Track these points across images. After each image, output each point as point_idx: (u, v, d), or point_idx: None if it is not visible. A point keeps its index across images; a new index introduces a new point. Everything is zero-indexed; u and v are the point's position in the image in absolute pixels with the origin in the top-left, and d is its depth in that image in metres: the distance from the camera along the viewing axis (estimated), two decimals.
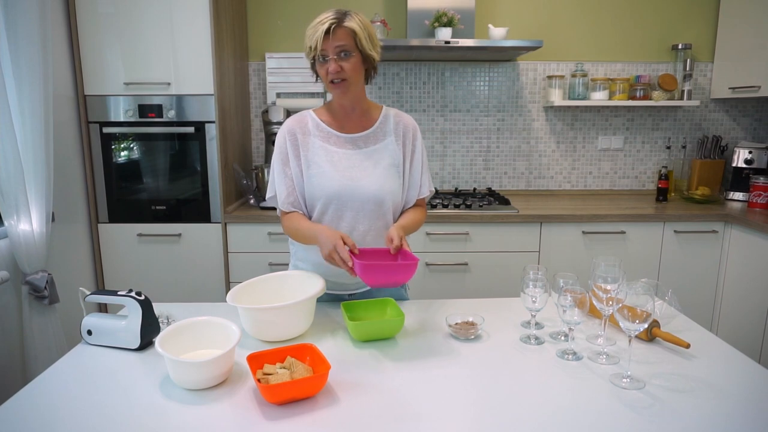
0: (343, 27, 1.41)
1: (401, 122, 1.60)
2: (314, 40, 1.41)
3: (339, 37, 1.41)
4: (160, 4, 2.46)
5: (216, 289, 2.69)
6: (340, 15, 1.42)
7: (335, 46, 1.41)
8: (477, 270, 2.68)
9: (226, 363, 1.14)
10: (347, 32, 1.41)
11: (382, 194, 1.52)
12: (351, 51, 1.43)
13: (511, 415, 1.03)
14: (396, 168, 1.57)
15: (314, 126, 1.54)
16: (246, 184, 2.81)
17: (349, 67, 1.43)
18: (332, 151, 1.52)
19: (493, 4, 3.09)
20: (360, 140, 1.55)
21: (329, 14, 1.42)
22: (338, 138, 1.54)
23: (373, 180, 1.51)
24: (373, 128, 1.56)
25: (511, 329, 1.42)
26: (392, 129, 1.58)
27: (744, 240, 2.57)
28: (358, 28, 1.42)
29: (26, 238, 2.00)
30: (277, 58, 3.06)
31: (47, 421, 1.01)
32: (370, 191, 1.51)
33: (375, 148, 1.55)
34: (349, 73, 1.44)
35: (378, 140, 1.56)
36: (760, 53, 2.80)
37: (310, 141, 1.53)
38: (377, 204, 1.52)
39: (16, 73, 1.96)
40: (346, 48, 1.42)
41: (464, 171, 3.27)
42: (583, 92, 3.07)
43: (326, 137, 1.53)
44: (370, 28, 1.47)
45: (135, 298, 1.30)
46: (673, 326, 1.42)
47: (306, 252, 1.59)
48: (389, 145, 1.56)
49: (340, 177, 1.50)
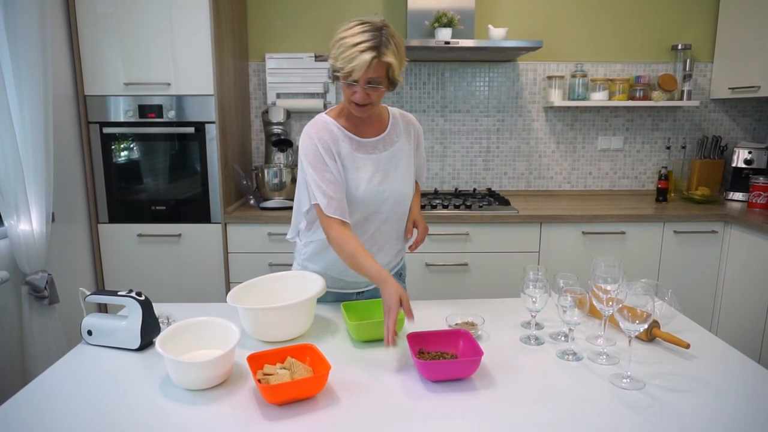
0: (381, 61, 1.35)
1: (408, 122, 1.64)
2: (349, 68, 1.35)
3: (374, 70, 1.36)
4: (160, 4, 2.46)
5: (216, 289, 2.69)
6: (378, 43, 1.34)
7: (367, 78, 1.37)
8: (477, 270, 2.68)
9: (227, 363, 1.14)
10: (383, 66, 1.36)
11: (406, 196, 1.58)
12: (381, 83, 1.40)
13: (511, 415, 1.03)
14: (411, 167, 1.62)
15: (339, 131, 1.51)
16: (246, 184, 2.81)
17: (376, 96, 1.42)
18: (358, 157, 1.51)
19: (493, 5, 3.09)
20: (379, 144, 1.55)
21: (367, 39, 1.33)
22: (360, 144, 1.52)
23: (397, 183, 1.55)
24: (387, 131, 1.58)
25: (511, 330, 1.42)
26: (403, 130, 1.61)
27: (744, 240, 2.57)
28: (394, 60, 1.37)
29: (26, 238, 2.00)
30: (277, 59, 3.06)
31: (47, 422, 1.01)
32: (397, 195, 1.55)
33: (393, 150, 1.57)
34: (375, 100, 1.44)
35: (393, 142, 1.58)
36: (759, 53, 2.80)
37: (341, 147, 1.49)
38: (402, 204, 1.58)
39: (16, 73, 1.96)
40: (377, 81, 1.39)
41: (464, 171, 3.27)
42: (582, 92, 3.07)
43: (350, 143, 1.51)
44: (402, 51, 1.42)
45: (135, 298, 1.30)
46: (673, 326, 1.42)
47: (319, 255, 1.60)
48: (404, 146, 1.59)
49: (368, 183, 1.50)
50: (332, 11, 3.05)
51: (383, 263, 1.61)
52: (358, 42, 1.33)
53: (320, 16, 3.07)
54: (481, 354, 1.15)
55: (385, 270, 1.35)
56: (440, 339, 1.26)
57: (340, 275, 1.61)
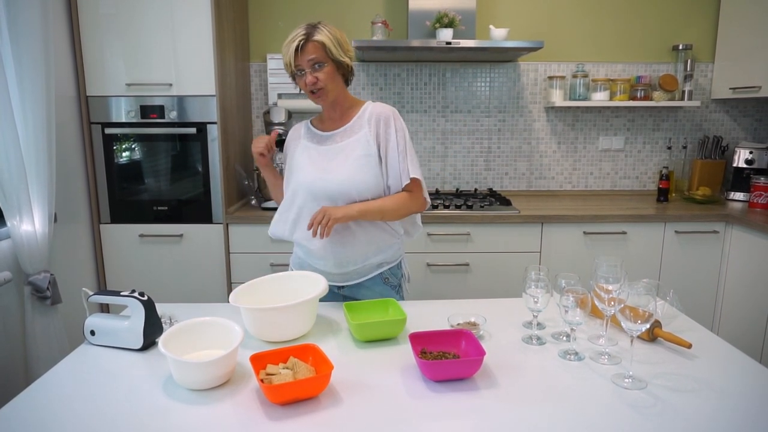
0: (313, 41, 1.51)
1: (375, 112, 1.61)
2: (288, 57, 1.53)
3: (310, 51, 1.52)
4: (162, 5, 2.46)
5: (217, 289, 2.69)
6: (309, 30, 1.52)
7: (308, 60, 1.52)
8: (478, 270, 2.68)
9: (229, 363, 1.14)
10: (317, 45, 1.52)
11: (349, 186, 1.56)
12: (323, 62, 1.53)
13: (513, 415, 1.03)
14: (369, 158, 1.57)
15: (305, 131, 1.70)
16: (247, 184, 2.81)
17: (323, 76, 1.54)
18: (311, 148, 1.65)
19: (494, 5, 3.09)
20: (337, 136, 1.63)
21: (299, 31, 1.53)
22: (320, 137, 1.66)
23: (341, 172, 1.57)
24: (351, 123, 1.63)
25: (512, 329, 1.42)
26: (366, 120, 1.61)
27: (745, 240, 2.57)
28: (327, 39, 1.52)
29: (28, 238, 2.01)
30: (279, 59, 3.06)
31: (50, 422, 1.01)
32: (337, 183, 1.57)
33: (350, 140, 1.60)
34: (324, 81, 1.54)
35: (354, 133, 1.61)
36: (760, 53, 2.80)
37: (299, 144, 1.68)
38: (345, 195, 1.57)
39: (19, 74, 1.97)
40: (317, 60, 1.52)
41: (465, 171, 3.27)
42: (583, 93, 3.07)
43: (310, 138, 1.68)
44: (340, 37, 1.56)
45: (138, 298, 1.30)
46: (675, 326, 1.43)
47: (299, 246, 1.72)
48: (362, 136, 1.59)
49: (313, 171, 1.61)
50: (333, 12, 3.05)
51: (355, 256, 1.62)
52: (292, 37, 1.53)
53: (321, 16, 3.07)
54: (483, 354, 1.16)
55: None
56: (442, 339, 1.26)
57: (315, 264, 1.68)
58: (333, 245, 1.60)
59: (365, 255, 1.64)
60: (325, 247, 1.60)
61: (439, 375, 1.15)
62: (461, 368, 1.15)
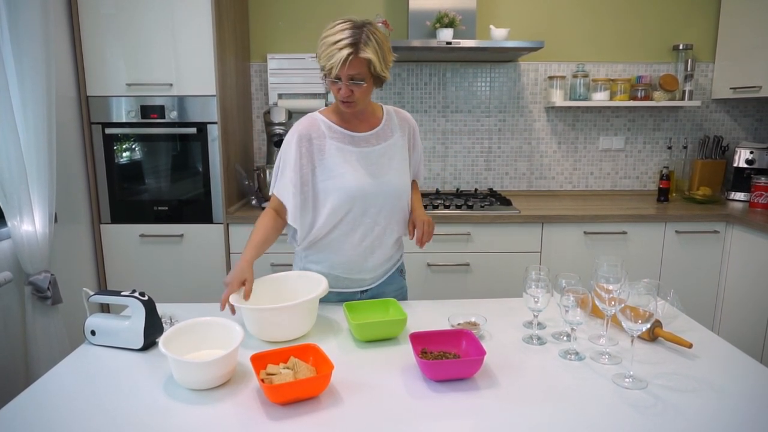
0: (359, 58, 1.38)
1: (403, 118, 1.65)
2: (329, 65, 1.39)
3: (353, 67, 1.38)
4: (162, 5, 2.46)
5: (218, 289, 2.66)
6: (356, 38, 1.36)
7: (348, 74, 1.40)
8: (478, 270, 2.68)
9: (230, 363, 1.14)
10: (362, 62, 1.39)
11: (403, 188, 1.59)
12: (363, 79, 1.43)
13: (514, 415, 1.03)
14: (406, 161, 1.63)
15: (327, 128, 1.54)
16: (248, 184, 2.81)
17: (359, 92, 1.45)
18: (348, 150, 1.53)
19: (495, 5, 3.09)
20: (372, 138, 1.57)
21: (346, 37, 1.36)
22: (352, 137, 1.55)
23: (393, 175, 1.57)
24: (381, 126, 1.60)
25: (513, 329, 1.42)
26: (397, 125, 1.62)
27: (745, 240, 2.57)
28: (374, 56, 1.39)
29: (29, 238, 2.01)
30: (279, 59, 3.06)
31: (50, 422, 1.01)
32: (392, 186, 1.56)
33: (387, 144, 1.58)
34: (359, 97, 1.46)
35: (387, 137, 1.59)
36: (761, 53, 2.80)
37: (326, 144, 1.53)
38: (398, 198, 1.59)
39: (20, 74, 1.97)
40: (359, 77, 1.42)
41: (465, 171, 3.27)
42: (584, 93, 3.07)
43: (340, 138, 1.54)
44: (385, 46, 1.43)
45: (139, 298, 1.30)
46: (675, 326, 1.43)
47: (320, 254, 1.60)
48: (398, 141, 1.61)
49: (362, 175, 1.52)
50: (334, 12, 3.05)
51: (383, 258, 1.63)
52: (338, 40, 1.37)
53: (322, 16, 3.07)
54: (484, 354, 1.16)
55: (248, 255, 1.49)
56: (443, 339, 1.26)
57: (346, 274, 1.61)
58: (365, 251, 1.59)
59: (391, 254, 1.67)
60: (365, 256, 1.59)
61: (440, 375, 1.16)
62: (462, 368, 1.15)
